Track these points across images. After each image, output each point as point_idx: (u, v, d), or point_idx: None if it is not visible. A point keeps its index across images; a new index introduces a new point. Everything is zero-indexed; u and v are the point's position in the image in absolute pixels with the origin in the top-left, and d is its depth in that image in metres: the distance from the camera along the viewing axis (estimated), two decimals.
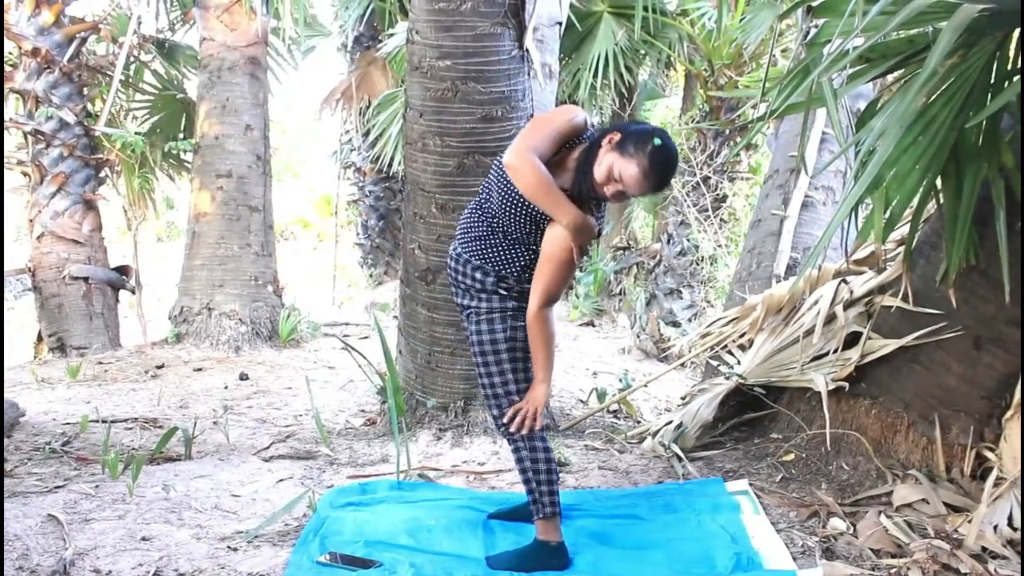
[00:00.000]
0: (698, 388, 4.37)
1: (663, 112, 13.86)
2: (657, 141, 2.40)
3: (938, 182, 2.94)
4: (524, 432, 2.59)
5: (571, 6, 5.23)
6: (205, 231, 7.76)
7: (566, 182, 2.51)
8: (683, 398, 4.53)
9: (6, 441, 4.08)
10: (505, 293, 2.60)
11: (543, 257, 2.51)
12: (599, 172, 2.45)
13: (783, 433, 3.72)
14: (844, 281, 3.76)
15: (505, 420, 2.61)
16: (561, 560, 2.61)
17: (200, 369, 6.77)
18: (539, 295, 2.52)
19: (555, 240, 2.48)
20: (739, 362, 4.14)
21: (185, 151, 9.01)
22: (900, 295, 3.29)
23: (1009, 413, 3.02)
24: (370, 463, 3.82)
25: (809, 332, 3.67)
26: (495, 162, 2.61)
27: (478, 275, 2.60)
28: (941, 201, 3.00)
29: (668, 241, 9.27)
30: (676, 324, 8.67)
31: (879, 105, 3.06)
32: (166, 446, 3.91)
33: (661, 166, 2.42)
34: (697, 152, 9.26)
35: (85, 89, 8.06)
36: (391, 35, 9.35)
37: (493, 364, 2.61)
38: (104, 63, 8.41)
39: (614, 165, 2.42)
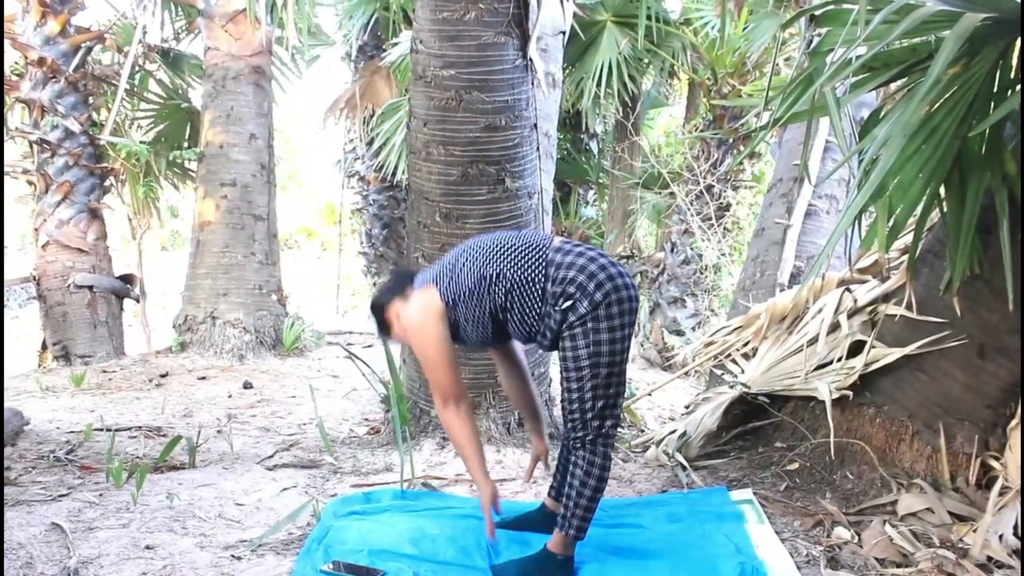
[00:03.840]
0: (702, 397, 4.36)
1: (666, 121, 13.89)
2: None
3: (941, 191, 2.94)
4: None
5: (574, 15, 5.24)
6: (209, 240, 7.79)
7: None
8: (687, 407, 4.52)
9: (11, 450, 4.09)
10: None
11: (418, 356, 2.68)
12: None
13: (787, 442, 3.71)
14: (848, 290, 3.76)
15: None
16: (567, 572, 2.59)
17: (204, 378, 6.78)
18: (435, 395, 2.64)
19: (416, 336, 2.62)
20: (743, 371, 4.13)
21: (189, 160, 9.05)
22: (904, 304, 3.29)
23: (1014, 422, 3.02)
24: (374, 472, 3.82)
25: (813, 341, 3.67)
26: (484, 272, 2.56)
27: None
28: (944, 210, 3.00)
29: (672, 250, 9.28)
30: (680, 333, 8.68)
31: (882, 114, 3.07)
32: (170, 455, 3.91)
33: None
34: (701, 161, 9.28)
35: (90, 98, 8.10)
36: (395, 44, 9.39)
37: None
38: (109, 72, 8.46)
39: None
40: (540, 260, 2.54)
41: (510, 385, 3.00)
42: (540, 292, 2.52)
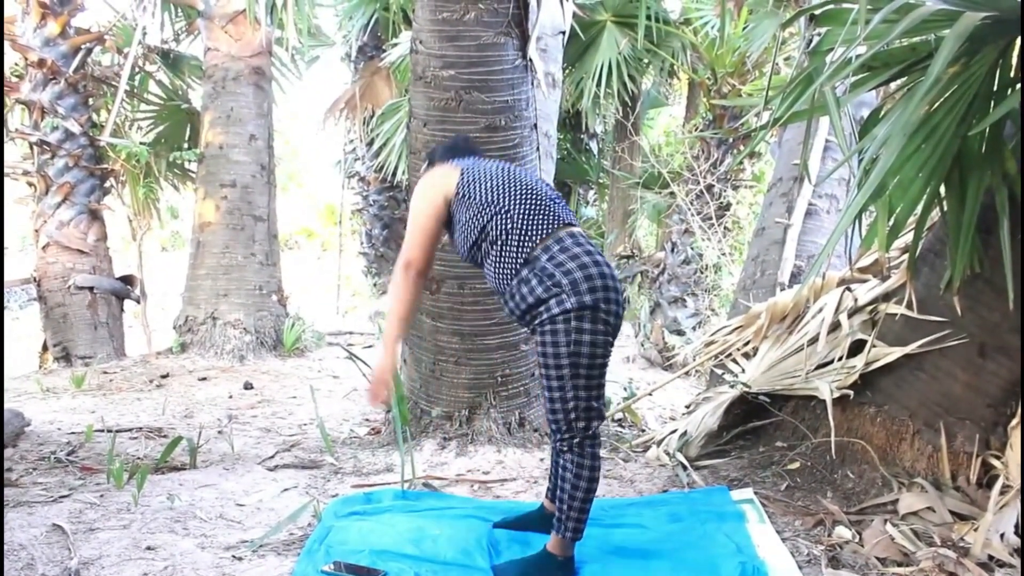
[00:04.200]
0: (702, 397, 4.36)
1: (666, 121, 13.90)
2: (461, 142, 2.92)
3: (941, 190, 2.94)
4: (383, 406, 2.68)
5: (574, 15, 5.25)
6: (209, 241, 7.79)
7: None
8: (687, 407, 4.52)
9: (11, 451, 4.09)
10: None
11: (409, 215, 2.73)
12: None
13: (788, 441, 3.71)
14: (848, 289, 3.76)
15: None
16: (568, 573, 2.59)
17: (205, 379, 6.78)
18: (401, 256, 2.68)
19: (417, 195, 2.70)
20: (743, 370, 4.13)
21: (190, 161, 9.06)
22: (904, 303, 3.29)
23: (1014, 421, 3.02)
24: (375, 472, 3.82)
25: (813, 340, 3.67)
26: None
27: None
28: (945, 209, 3.00)
29: (672, 250, 9.28)
30: (680, 332, 8.68)
31: (882, 113, 3.07)
32: (171, 456, 3.91)
33: None
34: (701, 160, 9.28)
35: (90, 100, 8.11)
36: (395, 45, 9.39)
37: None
38: (109, 74, 8.47)
39: None
40: (547, 228, 2.54)
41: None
42: (527, 255, 2.51)
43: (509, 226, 2.55)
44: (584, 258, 2.47)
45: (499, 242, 2.56)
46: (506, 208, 2.56)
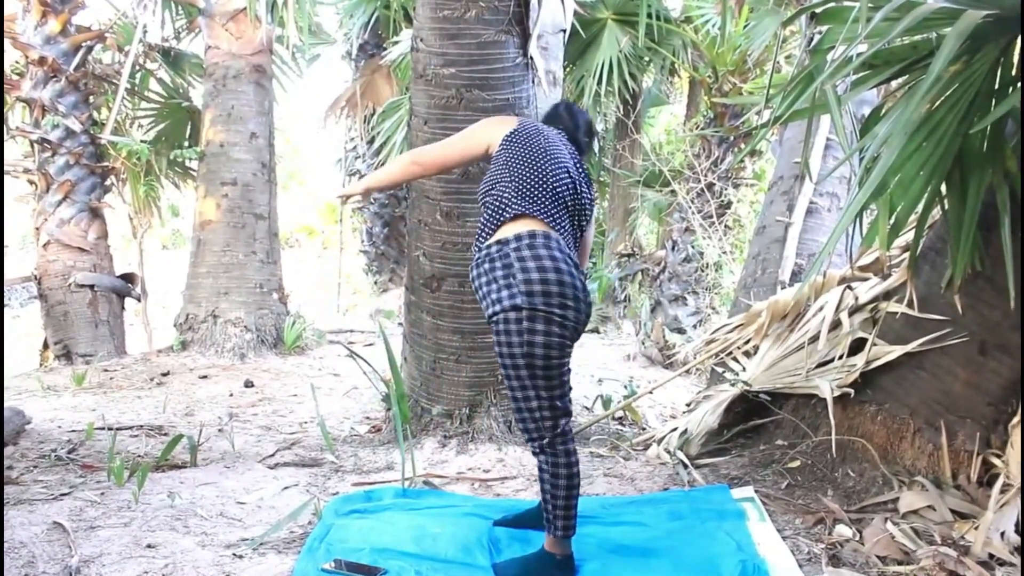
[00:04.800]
0: (703, 395, 4.36)
1: (667, 119, 13.89)
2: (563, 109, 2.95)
3: (942, 188, 2.94)
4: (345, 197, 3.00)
5: (575, 13, 5.24)
6: (210, 239, 7.79)
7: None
8: (688, 405, 4.52)
9: (12, 449, 4.10)
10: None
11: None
12: None
13: (788, 440, 3.70)
14: (849, 287, 3.76)
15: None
16: (568, 572, 2.59)
17: (205, 377, 6.79)
18: (419, 149, 2.94)
19: (473, 126, 2.87)
20: (744, 369, 4.13)
21: (190, 159, 9.05)
22: (905, 301, 3.28)
23: (1015, 419, 3.02)
24: (375, 470, 3.82)
25: (814, 338, 3.66)
26: None
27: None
28: (946, 207, 3.00)
29: (673, 248, 9.28)
30: (681, 331, 8.68)
31: (883, 111, 3.07)
32: (171, 453, 3.91)
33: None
34: (701, 159, 9.28)
35: (91, 97, 8.10)
36: (395, 43, 9.39)
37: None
38: (110, 72, 8.46)
39: None
40: (533, 218, 2.54)
41: None
42: (503, 236, 2.53)
43: (503, 199, 2.58)
44: (547, 264, 2.45)
45: (490, 209, 2.60)
46: (512, 182, 2.59)
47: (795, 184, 5.35)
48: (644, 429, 4.66)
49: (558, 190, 2.62)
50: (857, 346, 3.49)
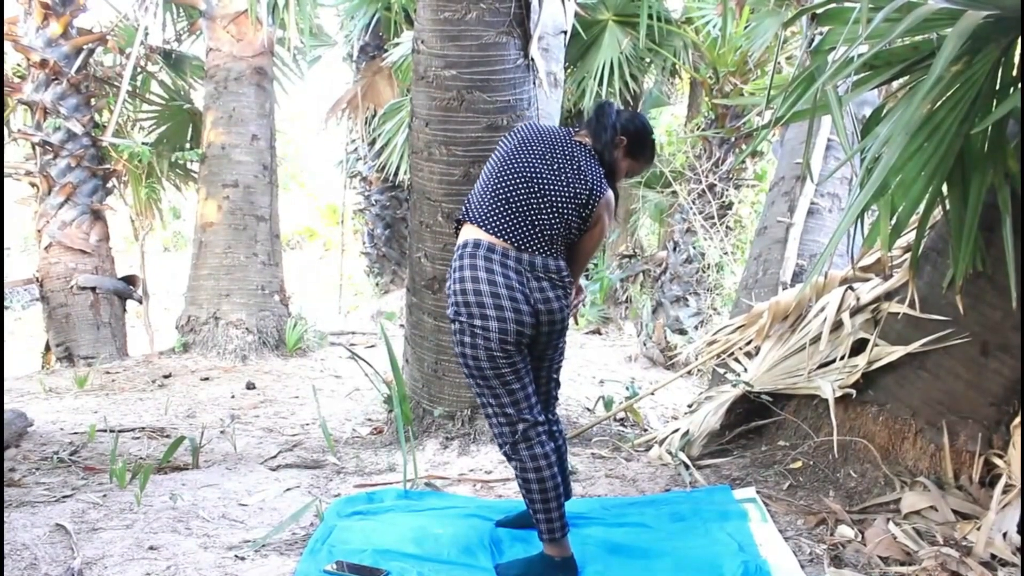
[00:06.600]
0: (705, 396, 4.36)
1: (668, 120, 13.88)
2: (653, 137, 2.81)
3: (944, 188, 2.94)
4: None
5: (576, 15, 5.24)
6: (212, 241, 7.80)
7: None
8: (690, 406, 4.52)
9: (14, 451, 4.10)
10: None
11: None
12: (618, 175, 2.75)
13: (790, 440, 3.71)
14: (850, 288, 3.76)
15: None
16: (569, 573, 2.59)
17: (207, 378, 6.79)
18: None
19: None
20: (746, 369, 4.13)
21: (192, 161, 9.07)
22: (907, 301, 3.28)
23: (1017, 420, 3.01)
24: (377, 472, 3.82)
25: (816, 339, 3.66)
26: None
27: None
28: (947, 207, 3.00)
29: (674, 249, 9.27)
30: (682, 332, 8.67)
31: (884, 112, 3.07)
32: (173, 455, 3.91)
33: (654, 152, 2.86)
34: (703, 160, 9.27)
35: (92, 100, 8.12)
36: (397, 44, 9.39)
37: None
38: (111, 74, 8.48)
39: (628, 169, 2.80)
40: (495, 233, 2.50)
41: None
42: (466, 240, 2.55)
43: (465, 204, 2.63)
44: (467, 274, 2.47)
45: (467, 208, 2.62)
46: (475, 189, 2.64)
47: (796, 185, 5.35)
48: (646, 430, 4.66)
49: (518, 197, 2.52)
50: (859, 347, 3.49)
